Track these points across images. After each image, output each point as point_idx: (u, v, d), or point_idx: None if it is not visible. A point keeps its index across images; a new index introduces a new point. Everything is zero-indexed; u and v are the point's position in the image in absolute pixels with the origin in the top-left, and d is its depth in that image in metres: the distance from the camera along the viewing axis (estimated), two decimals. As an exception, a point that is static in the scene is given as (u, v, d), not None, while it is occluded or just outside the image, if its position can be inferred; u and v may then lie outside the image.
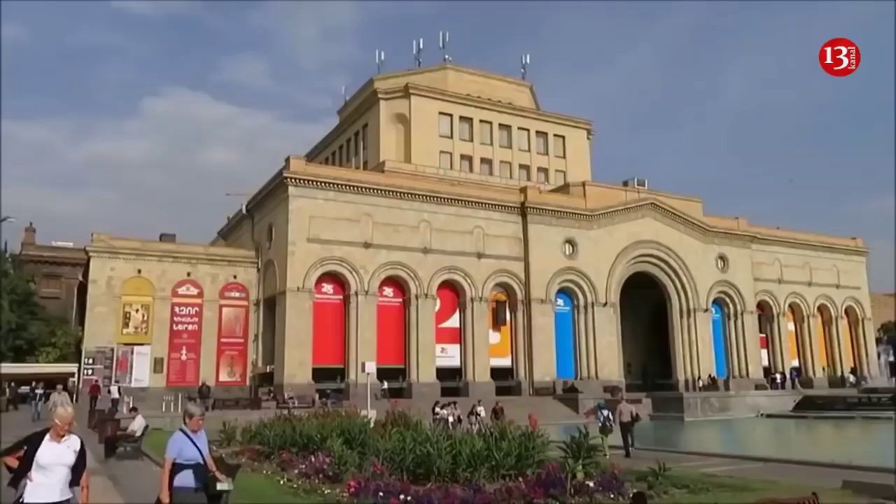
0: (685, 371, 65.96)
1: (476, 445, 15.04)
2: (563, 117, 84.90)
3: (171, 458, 8.85)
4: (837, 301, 79.60)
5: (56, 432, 8.14)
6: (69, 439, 8.17)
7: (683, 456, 22.77)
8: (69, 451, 8.11)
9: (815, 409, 50.17)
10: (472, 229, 57.84)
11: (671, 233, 67.08)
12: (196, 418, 9.31)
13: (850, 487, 13.97)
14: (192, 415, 9.28)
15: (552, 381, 57.65)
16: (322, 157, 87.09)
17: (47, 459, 8.00)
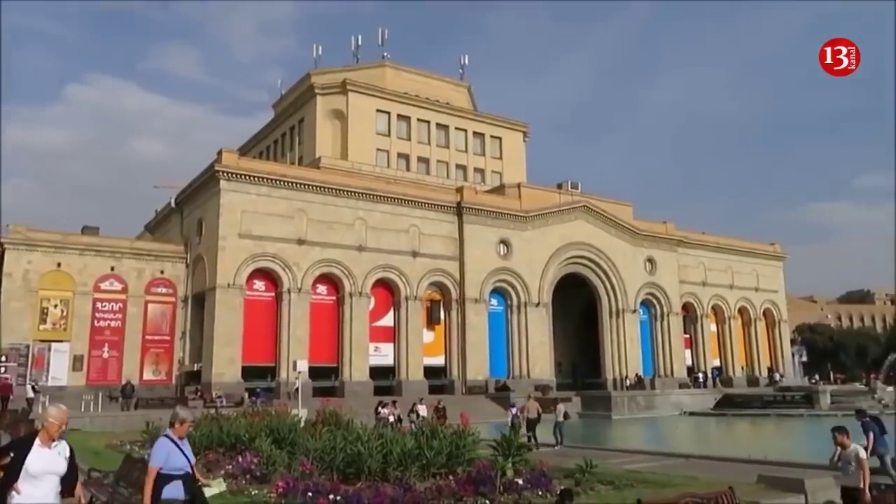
0: (613, 370, 67.71)
1: (407, 444, 15.02)
2: (501, 119, 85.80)
3: (157, 466, 8.11)
4: (756, 303, 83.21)
5: (48, 436, 7.41)
6: (59, 444, 7.47)
7: (610, 453, 23.32)
8: (60, 458, 7.40)
9: (734, 407, 52.22)
10: (407, 228, 57.79)
11: (602, 235, 68.71)
12: (187, 424, 8.60)
13: (764, 482, 14.61)
14: (182, 420, 8.46)
15: (485, 380, 58.20)
16: (256, 151, 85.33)
17: (38, 467, 7.23)
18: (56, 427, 7.48)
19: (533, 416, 29.02)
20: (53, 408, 7.78)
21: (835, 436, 12.44)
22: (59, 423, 7.48)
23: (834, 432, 12.52)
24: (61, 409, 7.72)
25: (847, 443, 12.19)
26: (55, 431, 7.44)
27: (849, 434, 12.41)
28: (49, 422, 7.46)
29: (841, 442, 12.26)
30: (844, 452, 12.12)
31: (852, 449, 12.06)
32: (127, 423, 32.46)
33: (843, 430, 12.43)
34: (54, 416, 7.54)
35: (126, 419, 35.06)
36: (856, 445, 12.03)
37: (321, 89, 75.06)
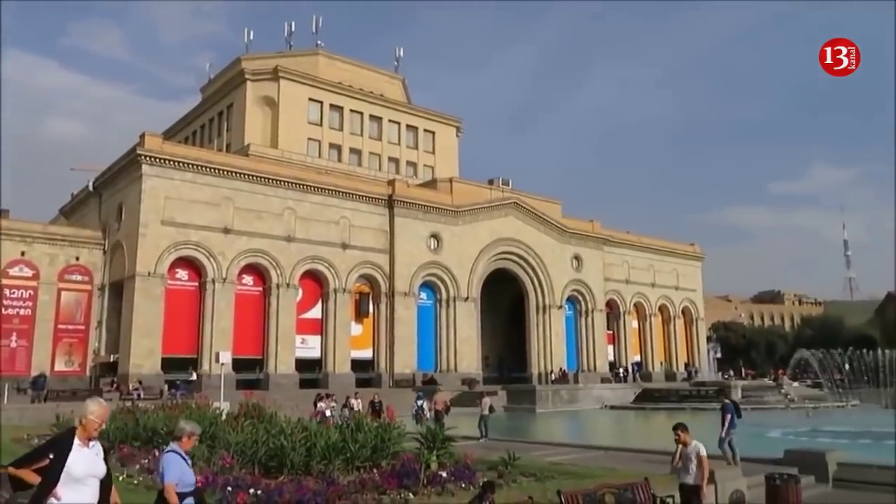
0: (539, 364, 69.01)
1: (331, 437, 14.88)
2: (434, 113, 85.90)
3: (175, 482, 7.39)
4: (676, 301, 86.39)
5: (86, 434, 6.64)
6: (95, 444, 6.72)
7: (533, 446, 23.75)
8: (98, 458, 6.65)
9: (652, 401, 53.96)
10: (338, 219, 57.16)
11: (531, 232, 69.81)
12: (195, 438, 7.93)
13: (678, 473, 15.17)
14: (191, 434, 7.80)
15: (412, 373, 58.30)
16: (182, 135, 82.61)
17: (81, 470, 6.42)
18: (96, 425, 6.79)
19: (439, 409, 31.06)
20: (93, 403, 6.99)
21: (677, 434, 12.02)
22: (100, 421, 6.81)
23: (675, 430, 12.09)
24: (102, 405, 6.99)
25: (688, 440, 11.84)
26: (94, 430, 6.75)
27: (689, 431, 12.00)
28: (88, 419, 6.72)
29: (683, 440, 11.87)
30: (685, 450, 11.74)
31: (693, 446, 11.69)
32: (36, 416, 30.89)
33: (684, 428, 12.02)
34: (95, 412, 6.79)
35: (35, 412, 33.37)
36: (696, 443, 11.70)
37: (252, 75, 73.28)
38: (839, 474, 16.99)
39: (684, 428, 11.97)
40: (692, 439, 11.72)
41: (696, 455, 11.44)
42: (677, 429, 12.04)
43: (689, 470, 11.53)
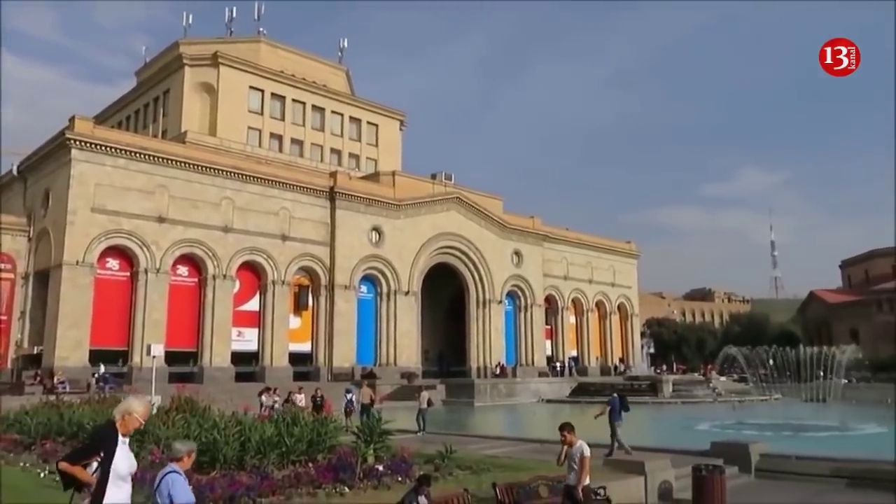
0: (478, 359, 69.54)
1: (266, 432, 14.68)
2: (378, 106, 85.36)
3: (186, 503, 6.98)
4: (612, 298, 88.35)
5: (126, 431, 6.64)
6: (127, 441, 6.72)
7: (470, 439, 23.95)
8: (132, 454, 6.69)
9: (587, 394, 55.10)
10: (277, 210, 56.19)
11: (473, 227, 70.19)
12: (194, 454, 7.59)
13: (610, 465, 15.60)
14: (189, 452, 7.40)
15: (351, 367, 57.90)
16: (114, 120, 79.68)
17: (124, 467, 6.49)
18: (138, 424, 6.78)
19: (366, 402, 31.24)
20: (137, 401, 6.92)
21: (563, 434, 11.64)
22: (143, 420, 6.81)
23: (562, 430, 11.71)
24: (146, 403, 6.96)
25: (574, 440, 11.48)
26: (135, 428, 6.73)
27: (575, 431, 11.66)
28: (133, 416, 6.67)
29: (568, 440, 11.51)
30: (570, 450, 11.41)
31: (578, 447, 11.33)
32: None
33: (570, 428, 11.65)
34: (140, 411, 6.77)
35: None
36: (581, 443, 11.35)
37: (190, 60, 71.22)
38: (761, 465, 17.74)
39: (570, 428, 11.61)
40: (578, 439, 11.44)
41: (579, 455, 11.17)
42: (563, 429, 11.66)
43: (573, 470, 11.31)
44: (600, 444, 20.27)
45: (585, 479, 11.04)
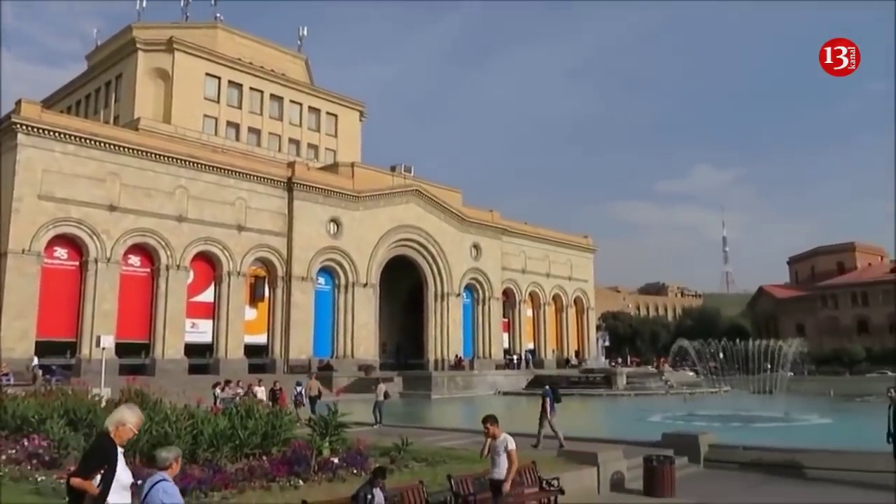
0: (436, 351, 69.70)
1: (220, 425, 14.46)
2: (338, 96, 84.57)
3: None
4: (569, 291, 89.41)
5: (120, 442, 6.66)
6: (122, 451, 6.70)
7: (427, 431, 24.00)
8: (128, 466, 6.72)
9: (543, 387, 55.66)
10: (233, 200, 55.27)
11: (432, 220, 70.17)
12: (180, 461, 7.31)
13: (564, 456, 15.82)
14: (177, 458, 7.13)
15: (308, 359, 57.42)
16: (64, 105, 77.27)
17: (126, 479, 6.53)
18: (132, 434, 6.78)
19: (314, 394, 31.50)
20: (130, 411, 6.89)
21: (486, 426, 11.24)
22: (136, 431, 6.82)
23: (485, 423, 11.32)
24: (138, 413, 6.93)
25: (497, 432, 11.08)
26: (128, 438, 6.74)
27: (498, 423, 11.30)
28: (126, 427, 6.66)
29: (492, 433, 11.12)
30: (494, 443, 11.07)
31: (502, 440, 10.96)
32: None
33: (493, 420, 11.28)
34: (133, 421, 6.76)
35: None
36: (506, 435, 11.00)
37: (144, 45, 69.41)
38: (710, 455, 18.21)
39: (493, 420, 11.24)
40: (502, 432, 11.10)
41: (504, 448, 10.83)
42: (486, 421, 11.26)
43: (497, 464, 10.95)
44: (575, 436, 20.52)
45: (513, 474, 10.79)
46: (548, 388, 21.87)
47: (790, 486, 15.95)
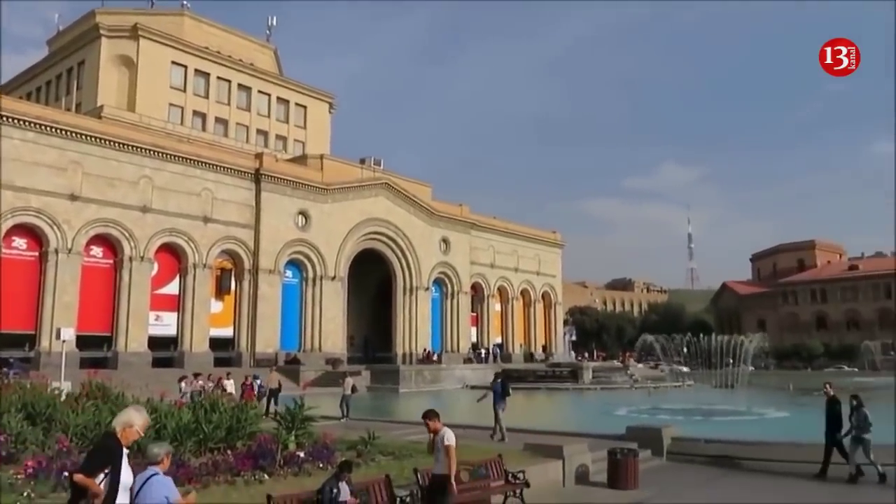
0: (404, 345, 69.64)
1: (183, 418, 14.27)
2: (307, 87, 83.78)
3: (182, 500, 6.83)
4: (537, 286, 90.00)
5: (126, 443, 6.64)
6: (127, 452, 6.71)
7: (394, 425, 23.94)
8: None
9: (510, 381, 55.31)
10: (199, 191, 54.45)
11: (401, 213, 69.99)
12: (170, 457, 7.35)
13: (530, 449, 15.94)
14: (168, 454, 7.13)
15: (275, 353, 56.95)
16: (23, 91, 75.33)
17: (128, 480, 6.50)
18: (137, 436, 6.75)
19: (274, 387, 31.29)
20: (137, 413, 6.89)
21: (426, 422, 10.89)
22: (143, 433, 6.81)
23: (424, 418, 10.95)
24: (144, 415, 6.95)
25: (438, 427, 10.68)
26: (133, 440, 6.72)
27: (439, 418, 10.84)
28: (132, 429, 6.67)
29: (432, 428, 10.73)
30: (436, 438, 10.68)
31: (441, 435, 10.59)
32: None
33: (432, 415, 10.83)
34: (139, 423, 6.76)
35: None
36: (445, 430, 10.61)
37: (108, 31, 67.90)
38: (672, 448, 18.52)
39: (433, 415, 10.81)
40: (443, 427, 10.69)
41: (442, 444, 10.47)
42: (426, 416, 10.89)
43: (438, 459, 10.62)
44: (541, 430, 20.71)
45: (453, 469, 10.42)
46: (498, 382, 22.31)
47: (748, 478, 16.32)
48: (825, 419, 16.20)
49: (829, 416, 16.12)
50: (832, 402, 16.36)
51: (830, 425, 16.04)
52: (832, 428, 16.01)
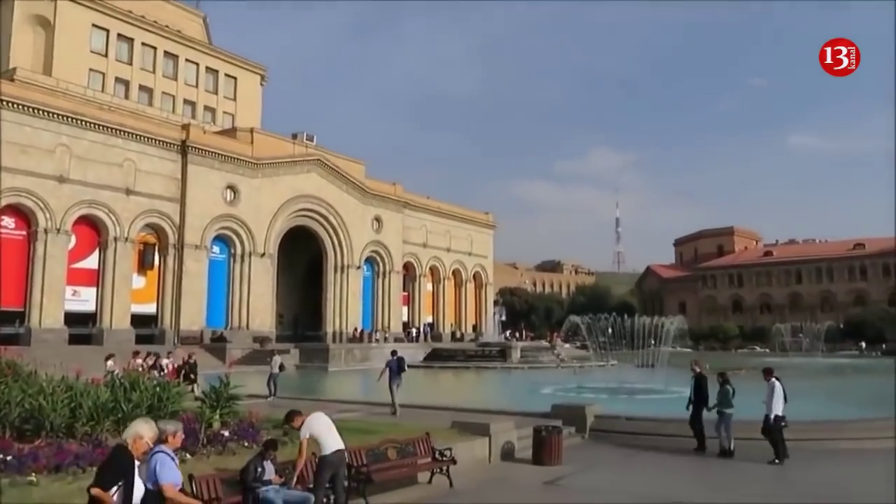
0: (335, 323, 69.13)
1: (101, 397, 13.77)
2: (237, 58, 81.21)
3: (173, 483, 6.98)
4: (469, 266, 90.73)
5: (136, 455, 6.75)
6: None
7: (322, 403, 23.72)
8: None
9: (440, 360, 56.47)
10: (121, 162, 52.25)
11: (333, 190, 69.09)
12: (179, 434, 7.56)
13: (457, 427, 16.13)
14: (175, 433, 7.42)
15: (200, 330, 55.63)
16: (-74, 48, 70.06)
17: (140, 490, 6.67)
18: (147, 448, 6.81)
19: (181, 365, 30.36)
20: (146, 425, 6.97)
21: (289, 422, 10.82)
22: (151, 444, 6.86)
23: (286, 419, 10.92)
24: (154, 426, 7.01)
25: (297, 424, 10.53)
26: (143, 452, 6.79)
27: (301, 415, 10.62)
28: (142, 440, 6.76)
29: (294, 425, 10.64)
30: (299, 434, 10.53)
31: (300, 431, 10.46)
32: None
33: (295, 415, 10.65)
34: (149, 435, 6.85)
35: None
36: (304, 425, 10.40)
37: (22, -12, 63.84)
38: (595, 425, 19.09)
39: (295, 413, 10.67)
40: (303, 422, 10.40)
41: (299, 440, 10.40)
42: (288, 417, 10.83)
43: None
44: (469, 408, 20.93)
45: (300, 465, 10.31)
46: (393, 360, 23.14)
47: (659, 454, 16.99)
48: (692, 395, 17.16)
49: (697, 392, 17.11)
50: (700, 378, 17.35)
51: (698, 401, 17.02)
52: (698, 403, 17.00)
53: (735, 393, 16.52)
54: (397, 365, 22.79)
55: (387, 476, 12.21)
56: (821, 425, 18.86)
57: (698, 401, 17.00)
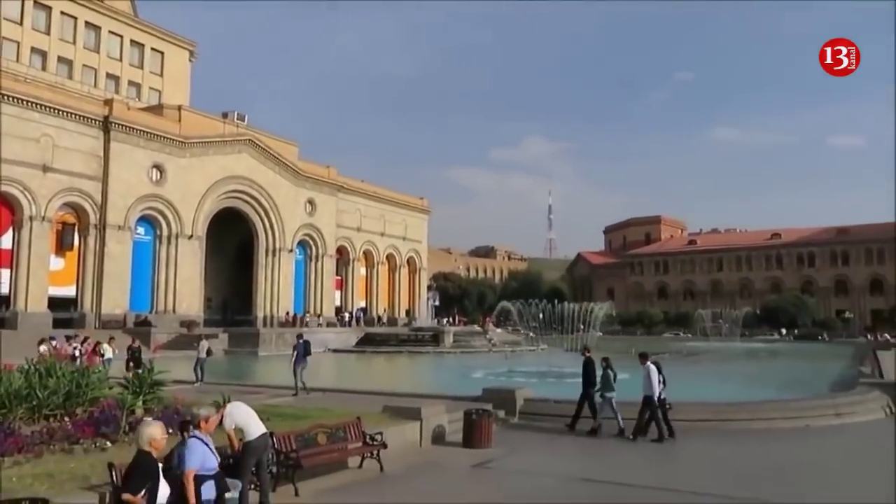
0: (265, 307, 67.93)
1: (14, 384, 13.16)
2: (165, 32, 78.20)
3: (195, 469, 7.44)
4: (403, 251, 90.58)
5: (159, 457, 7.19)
6: None
7: (251, 388, 23.49)
8: None
9: (373, 344, 56.38)
10: (38, 137, 49.64)
11: (265, 172, 67.63)
12: (213, 419, 8.10)
13: (389, 412, 16.16)
14: (206, 418, 7.98)
15: (123, 314, 53.68)
16: None
17: (165, 491, 7.02)
18: (164, 445, 7.17)
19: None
20: (155, 427, 7.20)
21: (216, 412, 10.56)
22: (163, 444, 7.18)
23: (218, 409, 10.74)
24: (162, 426, 7.29)
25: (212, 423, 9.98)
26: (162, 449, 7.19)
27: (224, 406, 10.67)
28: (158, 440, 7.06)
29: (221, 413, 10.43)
30: None
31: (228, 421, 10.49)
32: None
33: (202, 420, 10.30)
34: (161, 434, 7.13)
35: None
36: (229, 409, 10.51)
37: (-74, -53, 59.60)
38: (525, 408, 19.46)
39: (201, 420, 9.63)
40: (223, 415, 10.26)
41: None
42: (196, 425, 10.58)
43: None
44: (401, 392, 20.94)
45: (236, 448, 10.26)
46: (300, 343, 24.00)
47: (581, 436, 17.53)
48: (581, 378, 18.16)
49: (584, 375, 18.07)
50: (587, 362, 18.35)
51: (585, 383, 18.00)
52: (586, 385, 17.96)
53: (616, 377, 17.54)
54: (304, 348, 23.52)
55: (316, 461, 12.13)
56: (737, 407, 19.82)
57: (585, 383, 17.97)
